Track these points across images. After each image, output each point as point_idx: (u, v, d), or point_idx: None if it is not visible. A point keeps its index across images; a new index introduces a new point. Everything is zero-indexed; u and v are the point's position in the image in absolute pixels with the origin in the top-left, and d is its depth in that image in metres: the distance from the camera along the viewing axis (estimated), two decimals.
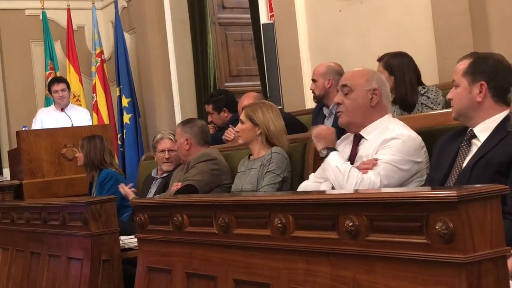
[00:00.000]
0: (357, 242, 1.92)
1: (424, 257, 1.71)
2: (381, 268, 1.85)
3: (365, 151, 3.07)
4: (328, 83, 4.78)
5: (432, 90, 4.27)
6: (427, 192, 1.77)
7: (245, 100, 5.05)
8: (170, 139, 5.03)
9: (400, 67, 4.32)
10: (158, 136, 5.16)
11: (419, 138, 3.01)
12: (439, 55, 5.00)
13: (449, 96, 2.79)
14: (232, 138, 5.07)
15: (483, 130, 2.67)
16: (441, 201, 1.67)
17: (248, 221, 2.39)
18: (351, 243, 1.93)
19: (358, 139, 3.16)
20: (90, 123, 7.30)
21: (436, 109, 4.20)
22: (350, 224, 1.91)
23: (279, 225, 2.19)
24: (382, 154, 2.96)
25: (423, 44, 5.20)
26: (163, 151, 5.05)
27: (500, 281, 1.66)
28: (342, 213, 1.96)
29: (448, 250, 1.66)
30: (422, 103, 4.29)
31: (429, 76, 5.13)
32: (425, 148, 3.00)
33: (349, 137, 3.26)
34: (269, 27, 6.44)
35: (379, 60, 4.42)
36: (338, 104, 3.18)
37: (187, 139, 4.60)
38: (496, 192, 1.68)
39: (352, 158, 3.12)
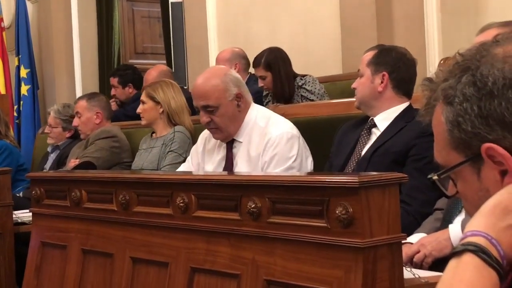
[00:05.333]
0: (258, 224, 1.93)
1: (323, 241, 1.74)
2: (280, 250, 1.87)
3: (241, 153, 2.99)
4: (235, 68, 4.80)
5: (309, 81, 4.41)
6: (329, 177, 1.80)
7: (153, 72, 5.05)
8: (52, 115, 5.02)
9: (275, 62, 4.48)
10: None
11: (292, 131, 2.94)
12: (344, 46, 5.10)
13: (353, 85, 2.86)
14: None
15: (383, 120, 2.76)
16: (342, 186, 1.71)
17: (149, 199, 2.37)
18: (252, 224, 1.94)
19: (231, 142, 3.05)
20: None
21: (315, 99, 4.34)
22: (253, 205, 1.92)
23: (181, 204, 2.18)
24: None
25: (329, 34, 5.29)
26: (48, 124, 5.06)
27: (394, 266, 1.71)
28: (245, 194, 1.96)
29: (346, 235, 1.69)
30: (302, 95, 4.41)
31: (333, 65, 5.24)
32: (299, 140, 2.95)
33: (216, 141, 3.12)
34: (178, 6, 6.38)
35: (256, 66, 4.54)
36: (207, 123, 2.99)
37: (97, 113, 4.47)
38: (395, 179, 1.73)
39: (229, 162, 3.03)
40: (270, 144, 2.89)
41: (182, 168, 3.35)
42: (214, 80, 2.98)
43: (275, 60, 4.50)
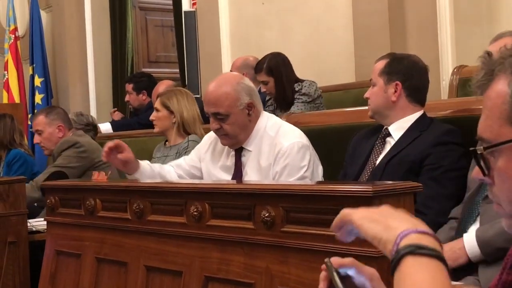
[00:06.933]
0: (272, 233, 1.93)
1: (337, 250, 1.74)
2: (294, 259, 1.87)
3: (251, 162, 2.95)
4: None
5: (305, 86, 4.46)
6: (344, 186, 1.80)
7: (160, 88, 5.04)
8: None
9: (277, 67, 4.51)
10: None
11: (302, 140, 2.91)
12: (357, 54, 5.10)
13: (366, 95, 2.85)
14: None
15: (397, 129, 2.75)
16: (356, 195, 1.71)
17: (163, 207, 2.37)
18: (266, 233, 1.95)
19: (239, 150, 3.00)
20: None
21: (309, 100, 4.38)
22: (267, 214, 1.92)
23: (195, 213, 2.19)
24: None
25: (341, 42, 5.30)
26: None
27: None
28: (259, 203, 1.97)
29: (361, 244, 1.69)
30: (299, 99, 4.44)
31: (346, 74, 5.23)
32: (309, 149, 2.92)
33: (224, 147, 3.08)
34: (191, 15, 6.40)
35: (259, 71, 4.57)
36: (217, 129, 2.95)
37: (59, 126, 4.39)
38: (409, 189, 1.73)
39: (238, 171, 2.99)
40: (281, 154, 2.86)
41: (182, 159, 3.27)
42: (226, 88, 2.93)
43: (277, 65, 4.52)
